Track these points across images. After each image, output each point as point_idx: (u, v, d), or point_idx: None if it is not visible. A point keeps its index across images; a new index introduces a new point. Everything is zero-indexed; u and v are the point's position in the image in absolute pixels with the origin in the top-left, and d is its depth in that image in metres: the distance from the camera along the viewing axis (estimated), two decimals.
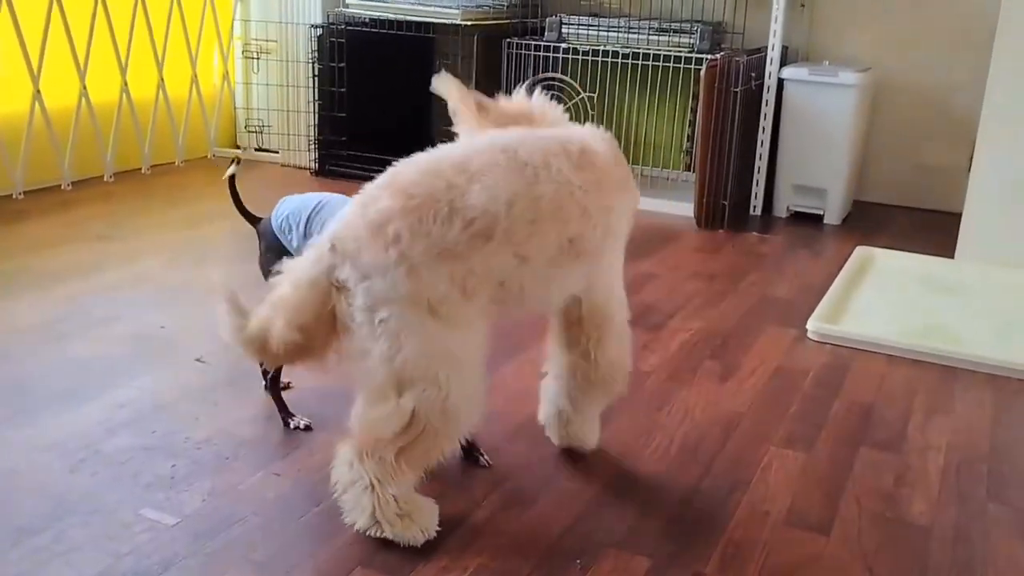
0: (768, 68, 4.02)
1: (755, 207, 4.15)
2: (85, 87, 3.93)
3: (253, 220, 2.14)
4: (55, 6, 3.75)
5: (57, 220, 3.55)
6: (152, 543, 1.68)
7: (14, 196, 3.74)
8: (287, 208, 2.05)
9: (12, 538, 1.67)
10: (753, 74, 3.93)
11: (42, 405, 2.15)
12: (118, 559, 1.64)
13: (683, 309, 2.96)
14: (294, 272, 1.66)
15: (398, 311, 1.59)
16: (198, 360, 2.43)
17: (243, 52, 4.71)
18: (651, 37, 4.17)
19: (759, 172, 4.12)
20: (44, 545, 1.66)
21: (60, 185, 3.92)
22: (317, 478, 1.90)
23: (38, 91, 3.74)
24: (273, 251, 2.03)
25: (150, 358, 2.45)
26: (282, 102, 4.60)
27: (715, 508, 1.88)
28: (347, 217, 1.68)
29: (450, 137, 2.00)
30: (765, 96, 4.04)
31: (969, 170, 3.47)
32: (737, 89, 3.79)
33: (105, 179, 4.10)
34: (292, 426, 2.10)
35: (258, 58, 4.67)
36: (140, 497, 1.82)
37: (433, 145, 1.80)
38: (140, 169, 4.29)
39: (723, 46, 4.19)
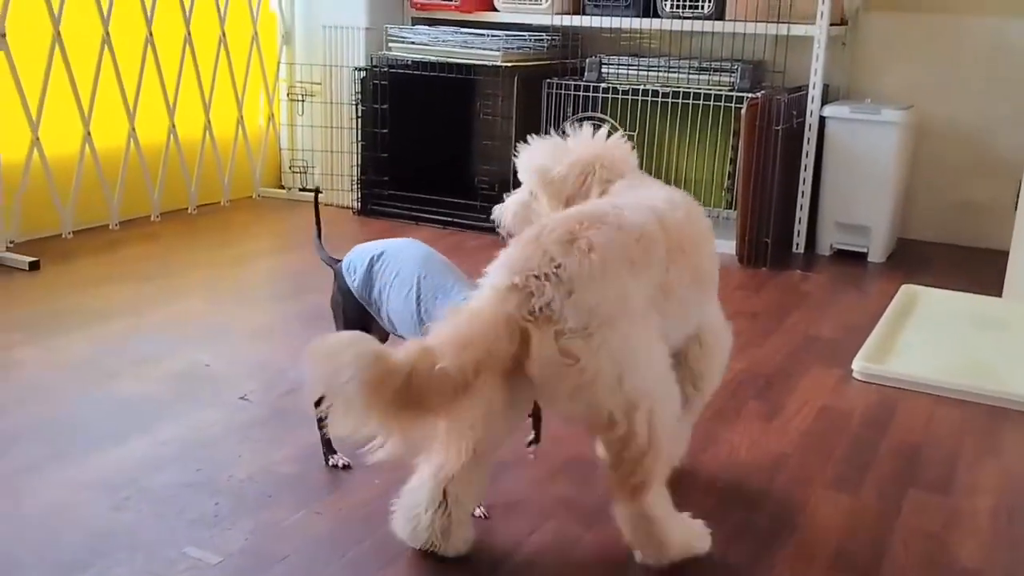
0: (810, 106, 4.00)
1: (798, 245, 4.12)
2: (134, 128, 4.01)
3: (332, 262, 2.13)
4: (106, 49, 3.85)
5: (105, 259, 3.62)
6: None
7: (63, 236, 3.82)
8: (355, 252, 2.05)
9: (59, 572, 1.69)
10: (794, 112, 3.92)
11: (88, 442, 2.18)
12: None
13: None
14: (472, 311, 1.60)
15: (610, 323, 1.57)
16: (242, 398, 2.45)
17: (288, 94, 4.79)
18: (691, 76, 4.18)
19: (801, 210, 4.09)
20: None
21: (108, 225, 4.00)
22: (358, 516, 1.90)
23: (88, 133, 3.83)
24: (342, 293, 2.03)
25: (194, 396, 2.47)
26: (326, 143, 4.67)
27: (761, 550, 1.85)
28: (521, 250, 1.64)
29: (487, 178, 2.05)
30: (807, 134, 4.03)
31: (1016, 207, 3.42)
32: (778, 127, 3.78)
33: (152, 219, 4.18)
34: (331, 463, 2.11)
35: (303, 100, 4.74)
36: (183, 535, 1.83)
37: (474, 185, 1.84)
38: (187, 209, 4.36)
39: (763, 84, 4.19)
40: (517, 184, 2.16)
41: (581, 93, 4.31)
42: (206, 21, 4.34)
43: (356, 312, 1.99)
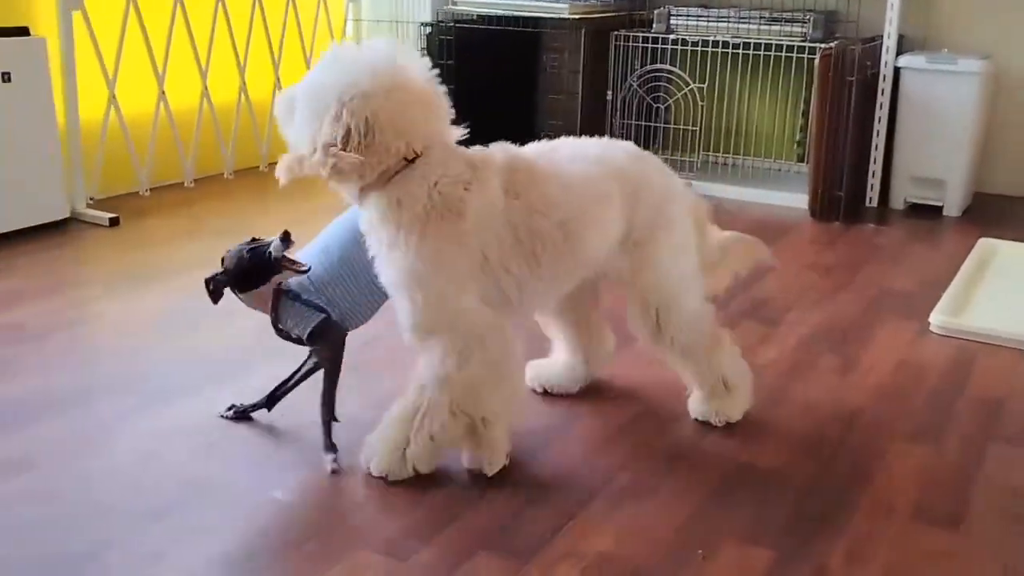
0: (884, 57, 3.90)
1: (871, 199, 4.04)
2: (207, 87, 4.07)
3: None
4: (179, 8, 3.90)
5: (181, 216, 3.70)
6: (283, 523, 1.74)
7: (141, 193, 3.90)
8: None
9: (150, 517, 1.75)
10: (868, 63, 3.83)
11: (173, 392, 2.24)
12: (250, 539, 1.70)
13: (800, 302, 2.91)
14: None
15: None
16: None
17: None
18: (762, 27, 4.10)
19: (875, 163, 4.01)
20: (179, 524, 1.73)
21: (183, 182, 4.08)
22: (438, 463, 1.93)
23: (163, 92, 3.90)
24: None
25: (273, 347, 2.52)
26: None
27: (838, 502, 1.85)
28: None
29: (553, 133, 2.09)
30: (881, 85, 3.93)
31: None
32: (852, 78, 3.70)
33: (225, 176, 4.24)
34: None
35: None
36: (270, 479, 1.88)
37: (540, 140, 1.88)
38: (258, 167, 4.42)
39: (837, 35, 4.10)
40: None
41: (649, 45, 4.26)
42: None
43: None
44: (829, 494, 1.88)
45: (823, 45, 3.81)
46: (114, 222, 3.50)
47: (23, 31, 3.34)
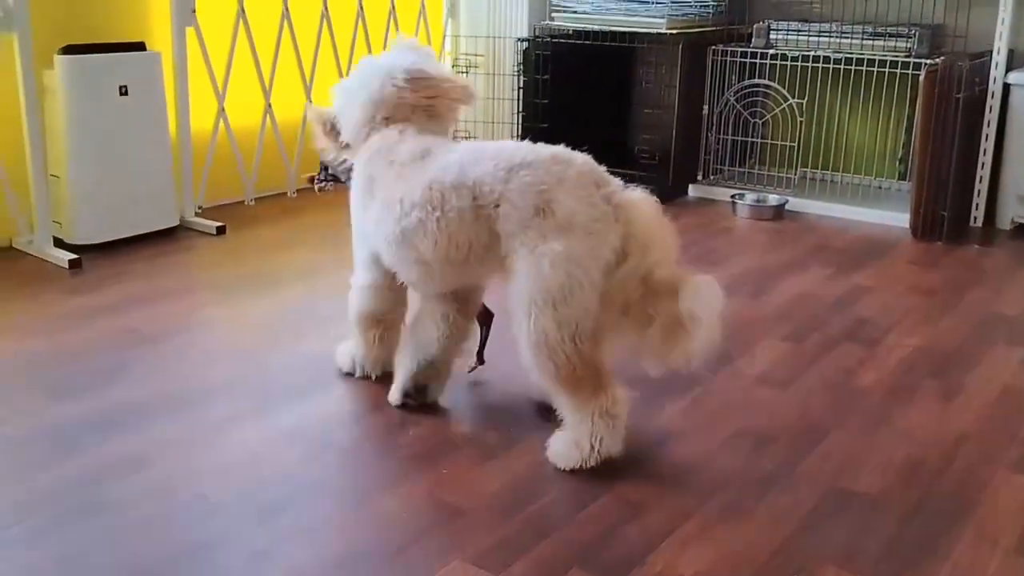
0: (993, 73, 3.80)
1: (976, 218, 3.93)
2: (310, 100, 4.19)
3: None
4: (285, 24, 4.02)
5: (285, 225, 3.81)
6: (383, 528, 1.79)
7: (246, 202, 4.03)
8: None
9: (258, 516, 1.82)
10: (976, 79, 3.74)
11: (280, 397, 2.32)
12: (351, 542, 1.75)
13: (900, 324, 2.85)
14: None
15: None
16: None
17: (453, 66, 4.88)
18: (864, 41, 4.03)
19: (981, 182, 3.90)
20: (286, 524, 1.80)
21: (287, 192, 4.20)
22: (534, 473, 1.96)
23: (269, 104, 4.03)
24: None
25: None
26: (488, 114, 4.74)
27: (939, 531, 1.81)
28: None
29: (648, 148, 2.09)
30: (989, 102, 3.83)
31: None
32: (959, 95, 3.61)
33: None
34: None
35: (467, 72, 4.83)
36: (371, 483, 1.93)
37: (634, 154, 1.88)
38: None
39: (943, 50, 4.01)
40: (680, 153, 2.17)
41: (748, 60, 4.23)
42: None
43: None
44: (930, 522, 1.84)
45: (928, 61, 3.73)
46: (221, 230, 3.63)
47: (140, 46, 3.50)
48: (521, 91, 4.58)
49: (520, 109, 4.58)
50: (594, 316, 1.93)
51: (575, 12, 4.47)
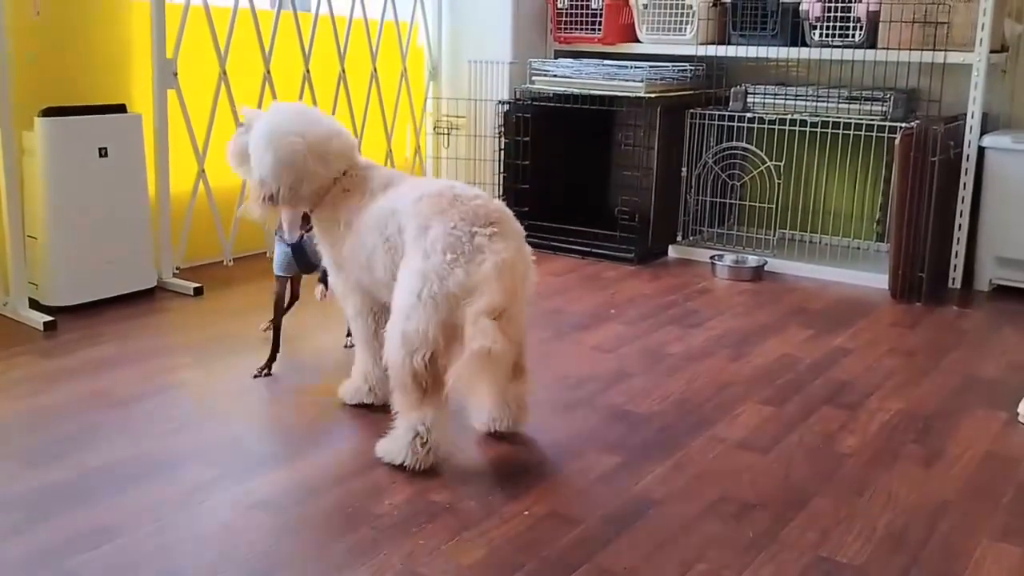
0: (968, 136, 3.86)
1: (954, 280, 3.96)
2: None
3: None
4: (266, 86, 4.04)
5: (263, 286, 3.76)
6: None
7: (225, 263, 4.02)
8: None
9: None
10: (951, 143, 3.79)
11: (251, 464, 2.28)
12: None
13: (881, 388, 2.84)
14: None
15: None
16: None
17: (434, 128, 4.92)
18: (840, 105, 4.09)
19: (958, 243, 3.93)
20: None
21: (265, 252, 4.18)
22: (511, 545, 1.92)
23: None
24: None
25: (350, 422, 2.55)
26: (470, 175, 4.76)
27: None
28: None
29: (627, 208, 2.10)
30: (964, 165, 3.88)
31: None
32: (935, 158, 3.65)
33: None
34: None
35: (448, 133, 4.86)
36: (341, 559, 1.88)
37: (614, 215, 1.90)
38: None
39: (918, 113, 4.06)
40: (659, 214, 2.22)
41: (726, 123, 4.28)
42: (359, 59, 4.51)
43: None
44: None
45: (904, 124, 3.78)
46: (198, 291, 3.60)
47: (120, 108, 3.50)
48: (502, 152, 4.61)
49: (501, 170, 4.61)
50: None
51: (555, 76, 4.52)
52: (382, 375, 2.44)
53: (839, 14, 4.05)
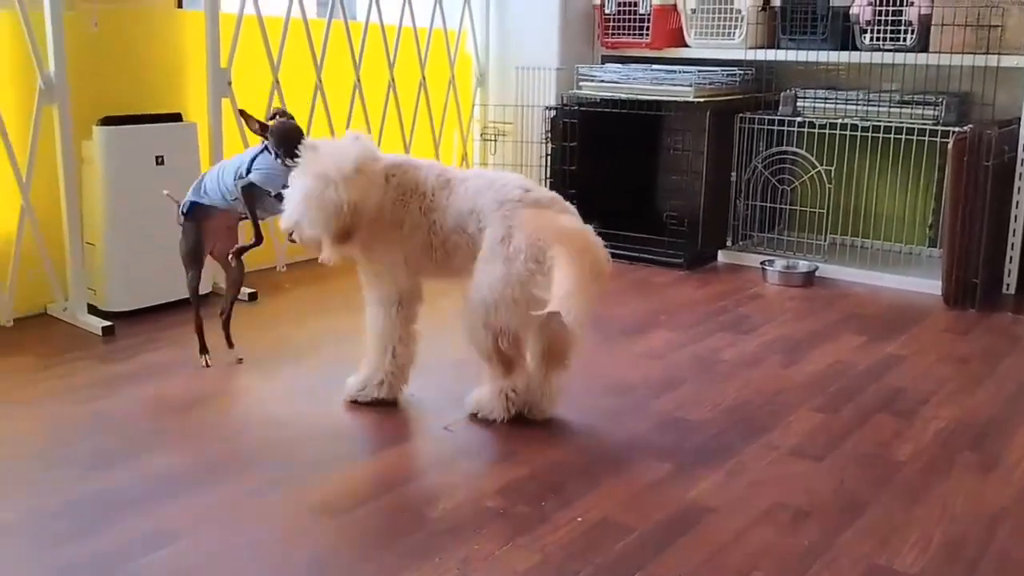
0: (1022, 140, 3.80)
1: (1008, 285, 3.90)
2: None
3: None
4: (319, 97, 4.09)
5: (315, 291, 3.84)
6: None
7: (278, 268, 4.07)
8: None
9: None
10: (1006, 147, 3.73)
11: (308, 467, 2.31)
12: None
13: (935, 395, 2.81)
14: None
15: None
16: (445, 428, 2.54)
17: (481, 134, 4.95)
18: (892, 109, 4.05)
19: (1013, 248, 3.88)
20: None
21: (316, 258, 4.21)
22: (563, 552, 1.93)
23: None
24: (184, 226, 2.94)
25: (402, 425, 2.58)
26: None
27: None
28: None
29: (676, 213, 2.11)
30: (1019, 169, 3.82)
31: None
32: (988, 163, 3.60)
33: None
34: (205, 363, 2.90)
35: (495, 140, 4.89)
36: (396, 564, 1.91)
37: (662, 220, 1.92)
38: None
39: (971, 117, 4.01)
40: (708, 219, 2.25)
41: (775, 128, 4.26)
42: (408, 66, 4.55)
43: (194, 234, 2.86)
44: None
45: (957, 128, 3.73)
46: (253, 297, 3.66)
47: (176, 117, 3.57)
48: (548, 158, 4.62)
49: (548, 175, 4.62)
50: None
51: (602, 81, 4.53)
52: (397, 367, 2.65)
53: (890, 17, 4.01)
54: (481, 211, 2.46)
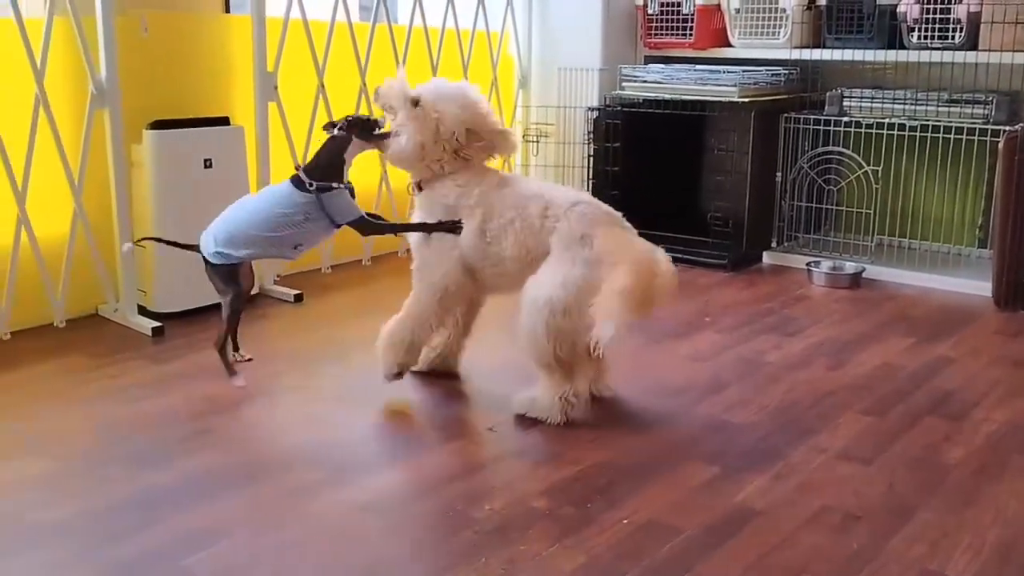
0: None
1: None
2: (386, 172, 4.28)
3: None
4: (362, 99, 4.12)
5: (359, 292, 3.87)
6: None
7: (323, 270, 4.11)
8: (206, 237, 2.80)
9: None
10: None
11: (355, 468, 2.33)
12: None
13: (986, 397, 2.77)
14: None
15: None
16: (490, 429, 2.55)
17: (523, 135, 4.95)
18: (940, 108, 3.99)
19: None
20: None
21: (361, 260, 4.27)
22: (610, 553, 1.93)
23: None
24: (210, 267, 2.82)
25: (447, 427, 2.59)
26: (559, 181, 4.78)
27: None
28: None
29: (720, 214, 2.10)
30: None
31: None
32: None
33: (399, 255, 4.42)
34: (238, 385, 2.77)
35: (537, 141, 4.89)
36: (443, 564, 1.92)
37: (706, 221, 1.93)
38: None
39: (1021, 116, 3.94)
40: (753, 220, 2.26)
41: (821, 128, 4.22)
42: (451, 68, 4.57)
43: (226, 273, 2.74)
44: None
45: (1007, 127, 3.67)
46: (299, 298, 3.69)
47: (224, 121, 3.62)
48: (591, 159, 4.62)
49: (591, 176, 4.62)
50: None
51: (645, 81, 4.51)
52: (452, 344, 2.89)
53: (938, 16, 3.95)
54: (552, 201, 2.53)
